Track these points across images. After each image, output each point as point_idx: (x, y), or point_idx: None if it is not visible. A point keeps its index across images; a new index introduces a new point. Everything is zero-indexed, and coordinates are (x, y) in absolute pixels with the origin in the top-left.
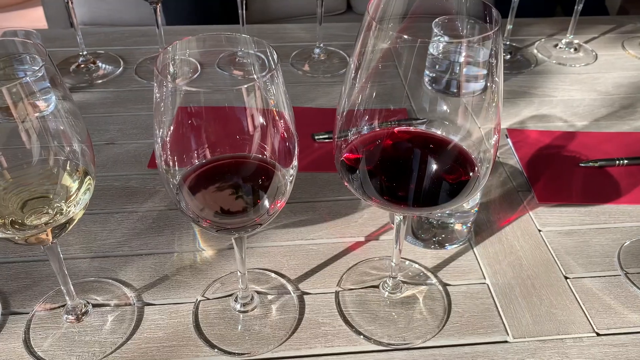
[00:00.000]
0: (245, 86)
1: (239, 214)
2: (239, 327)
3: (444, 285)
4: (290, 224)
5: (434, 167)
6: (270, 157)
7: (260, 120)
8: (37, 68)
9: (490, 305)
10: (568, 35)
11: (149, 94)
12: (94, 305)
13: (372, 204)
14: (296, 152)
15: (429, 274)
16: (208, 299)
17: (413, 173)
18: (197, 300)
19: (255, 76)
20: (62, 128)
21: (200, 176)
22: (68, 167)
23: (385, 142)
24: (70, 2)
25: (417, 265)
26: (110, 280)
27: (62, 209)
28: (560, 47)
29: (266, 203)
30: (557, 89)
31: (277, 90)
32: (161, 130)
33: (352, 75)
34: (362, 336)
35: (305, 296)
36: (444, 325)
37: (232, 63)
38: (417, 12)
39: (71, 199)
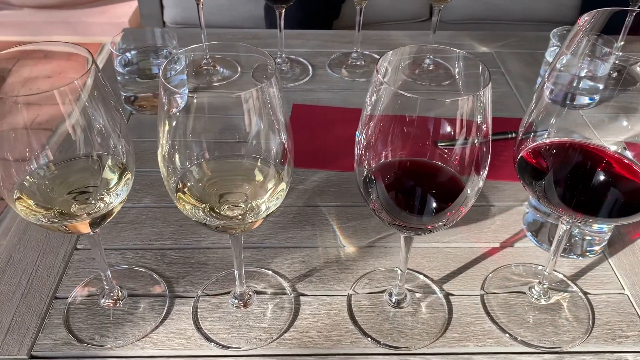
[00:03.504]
0: (460, 99)
1: (421, 216)
2: (393, 322)
3: (585, 293)
4: None
5: (616, 183)
6: (466, 166)
7: (464, 130)
8: (180, 67)
9: (634, 316)
10: None
11: None
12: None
13: (548, 207)
14: (488, 162)
15: (569, 281)
16: (357, 293)
17: (593, 185)
18: (348, 294)
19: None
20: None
21: (392, 174)
22: (260, 164)
23: (565, 153)
24: (200, 3)
25: (557, 273)
26: (265, 270)
27: (254, 207)
28: None
29: (448, 212)
30: None
31: (486, 101)
32: (364, 129)
33: (540, 87)
34: (512, 338)
35: (450, 297)
36: (590, 332)
37: (344, 64)
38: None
39: (263, 198)
